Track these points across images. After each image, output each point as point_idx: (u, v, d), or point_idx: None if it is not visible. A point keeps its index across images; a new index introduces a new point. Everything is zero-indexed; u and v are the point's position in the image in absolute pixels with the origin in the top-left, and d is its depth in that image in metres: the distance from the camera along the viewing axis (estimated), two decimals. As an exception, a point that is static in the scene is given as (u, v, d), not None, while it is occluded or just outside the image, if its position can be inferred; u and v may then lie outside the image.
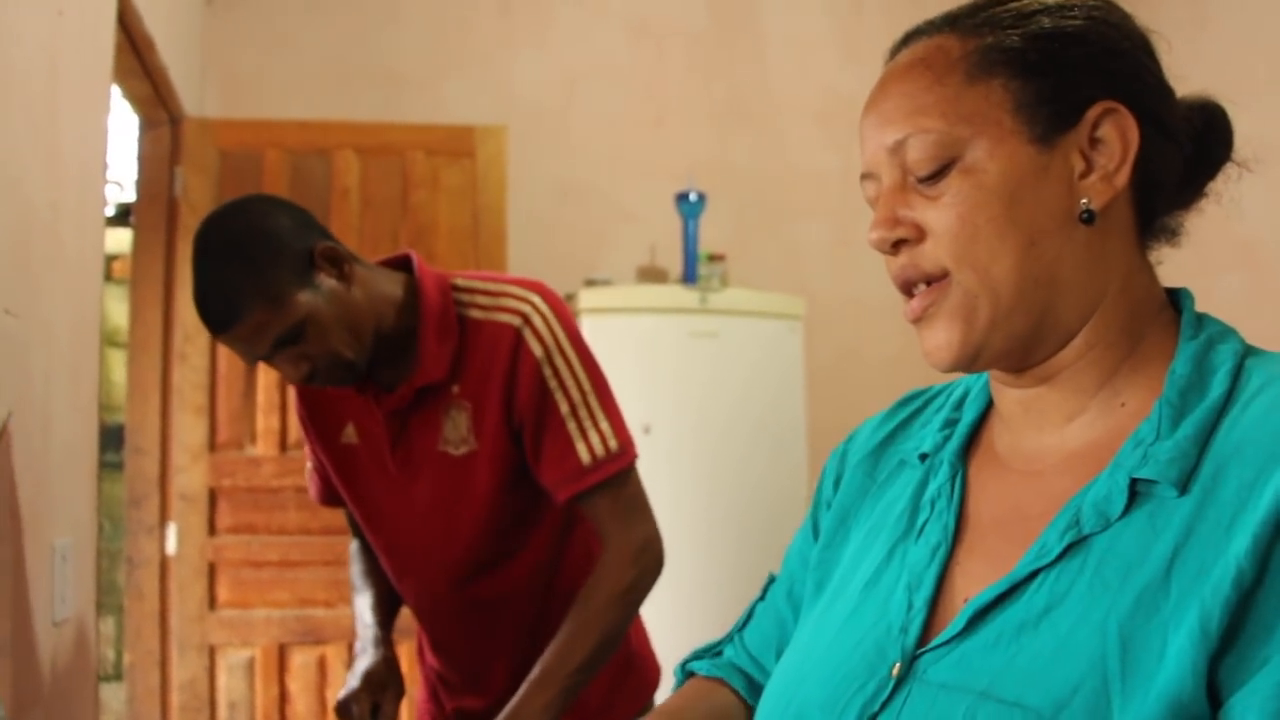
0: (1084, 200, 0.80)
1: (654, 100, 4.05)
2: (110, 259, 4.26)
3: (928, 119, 0.81)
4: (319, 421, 1.79)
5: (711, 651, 1.13)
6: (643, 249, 3.77)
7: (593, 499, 1.65)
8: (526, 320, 1.64)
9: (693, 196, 3.46)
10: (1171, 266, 0.94)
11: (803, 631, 0.96)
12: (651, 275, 3.64)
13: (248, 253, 1.52)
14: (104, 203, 2.21)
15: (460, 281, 1.71)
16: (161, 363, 3.26)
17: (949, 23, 0.85)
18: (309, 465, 1.89)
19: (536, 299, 1.67)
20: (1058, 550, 0.76)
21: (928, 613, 0.83)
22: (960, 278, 0.81)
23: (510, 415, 1.65)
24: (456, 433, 1.67)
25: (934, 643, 0.80)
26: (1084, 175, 0.81)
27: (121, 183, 3.94)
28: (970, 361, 0.83)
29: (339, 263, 1.58)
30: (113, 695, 3.88)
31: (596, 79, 4.01)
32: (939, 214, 0.81)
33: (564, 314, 1.68)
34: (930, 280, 0.83)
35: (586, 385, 1.66)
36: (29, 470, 1.66)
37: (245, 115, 3.52)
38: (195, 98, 3.47)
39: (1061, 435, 0.84)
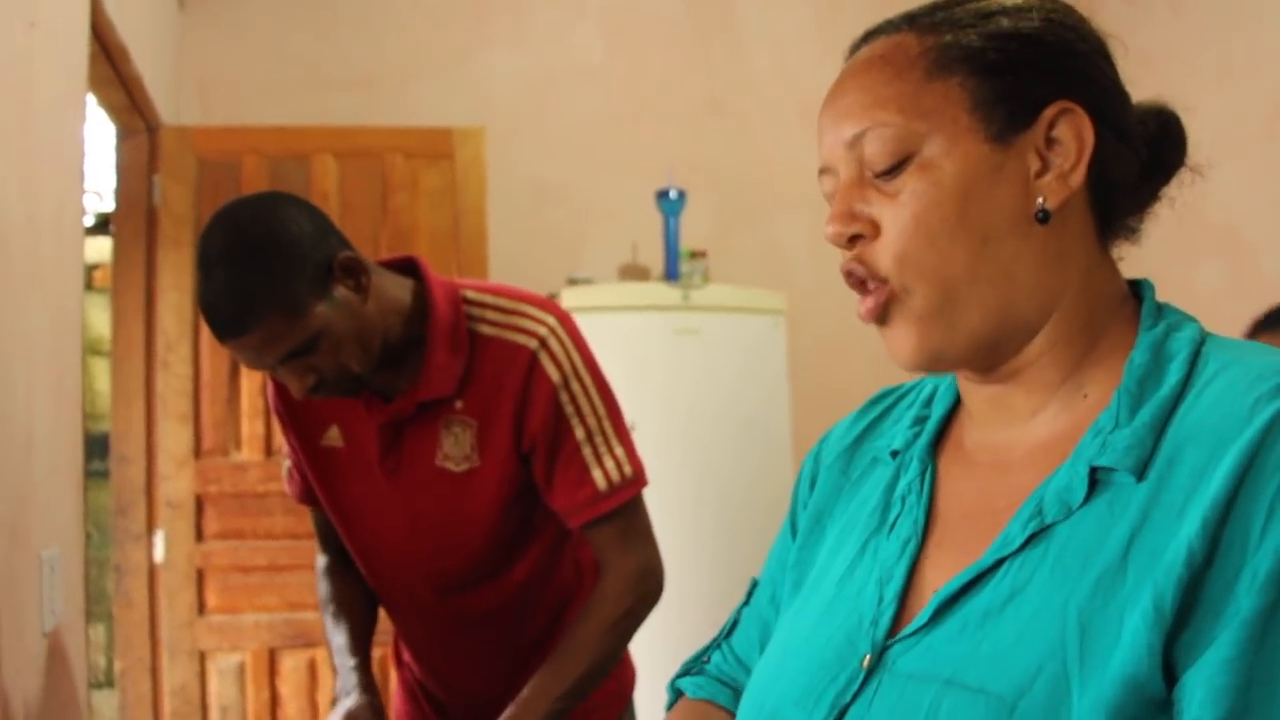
0: (1039, 200, 0.81)
1: (632, 98, 4.05)
2: (91, 268, 4.25)
3: (886, 113, 0.82)
4: (298, 420, 1.74)
5: (699, 661, 1.13)
6: (624, 247, 3.78)
7: (601, 525, 1.64)
8: (543, 343, 1.61)
9: (673, 194, 3.47)
10: (1153, 253, 0.95)
11: (780, 627, 0.97)
12: (633, 273, 3.66)
13: (267, 260, 1.44)
14: (82, 212, 2.21)
15: (470, 294, 1.66)
16: (145, 371, 3.26)
17: (908, 21, 0.86)
18: (287, 464, 1.84)
19: (553, 321, 1.63)
20: (1020, 540, 0.77)
21: (898, 605, 0.84)
22: (905, 282, 0.82)
23: (520, 437, 1.62)
24: (458, 449, 1.63)
25: (902, 633, 0.81)
26: (1040, 175, 0.82)
27: (100, 192, 3.94)
28: (934, 361, 0.84)
29: (357, 274, 1.52)
30: (105, 702, 3.88)
31: (573, 78, 4.02)
32: (895, 212, 0.82)
33: (579, 337, 1.66)
34: (879, 279, 0.84)
35: (601, 410, 1.64)
36: (13, 482, 1.67)
37: (222, 122, 3.52)
38: (171, 106, 3.47)
39: (1026, 429, 0.86)
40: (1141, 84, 0.90)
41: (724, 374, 3.39)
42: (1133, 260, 0.90)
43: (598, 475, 1.62)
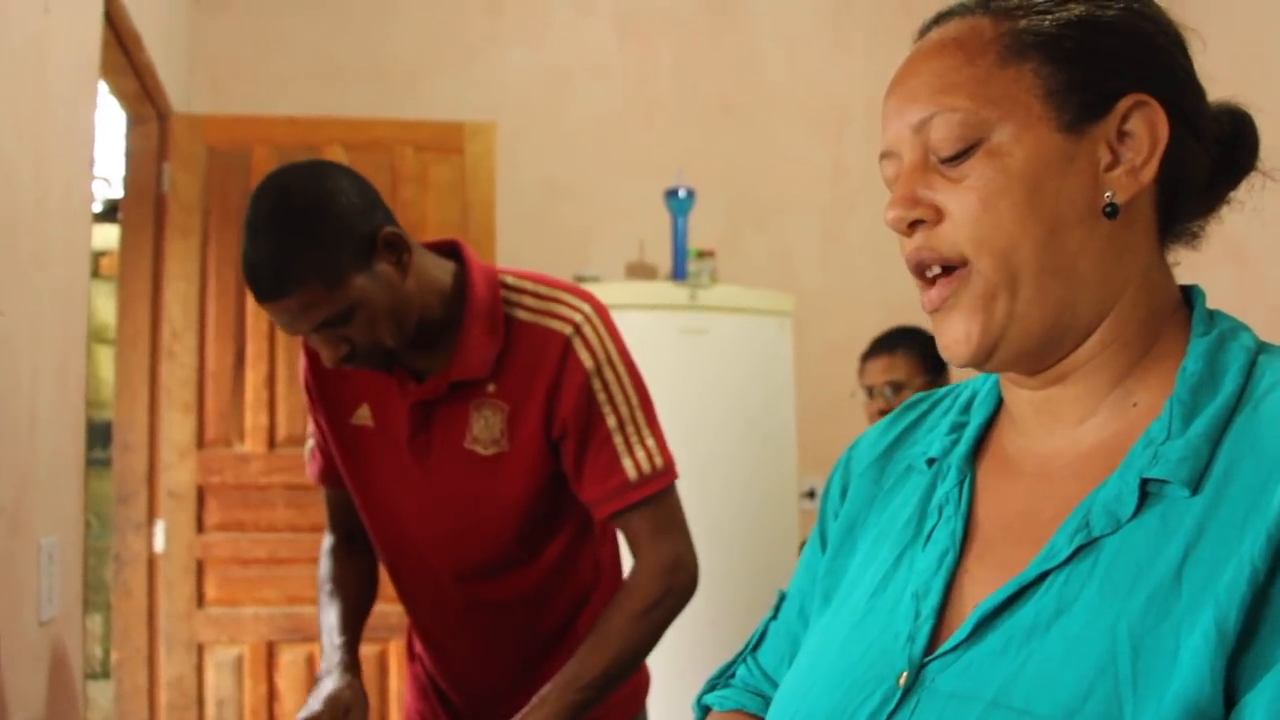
0: (1108, 193, 0.79)
1: (643, 96, 4.04)
2: (98, 255, 4.23)
3: (955, 98, 0.80)
4: (329, 397, 1.74)
5: (725, 675, 1.10)
6: (632, 245, 3.77)
7: (631, 516, 1.63)
8: (578, 330, 1.62)
9: (682, 193, 3.46)
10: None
11: (810, 641, 0.94)
12: (641, 272, 3.64)
13: (313, 227, 1.46)
14: (91, 199, 2.20)
15: (509, 279, 1.67)
16: (149, 360, 3.24)
17: (982, 4, 0.84)
18: (310, 443, 1.83)
19: (588, 309, 1.64)
20: (1067, 552, 0.75)
21: (935, 620, 0.81)
22: (980, 265, 0.79)
23: (550, 424, 1.62)
24: (488, 433, 1.63)
25: (941, 650, 0.78)
26: (1110, 168, 0.80)
27: (109, 179, 3.92)
28: (987, 356, 0.82)
29: (399, 250, 1.54)
30: (100, 693, 3.87)
31: (586, 75, 4.00)
32: (959, 197, 0.80)
33: (613, 327, 1.67)
34: (946, 265, 0.81)
35: (634, 400, 1.65)
36: (15, 468, 1.66)
37: (233, 111, 3.51)
38: (183, 94, 3.46)
39: (1073, 436, 0.83)
40: (1218, 81, 0.87)
41: (730, 375, 3.37)
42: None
43: (628, 465, 1.62)
